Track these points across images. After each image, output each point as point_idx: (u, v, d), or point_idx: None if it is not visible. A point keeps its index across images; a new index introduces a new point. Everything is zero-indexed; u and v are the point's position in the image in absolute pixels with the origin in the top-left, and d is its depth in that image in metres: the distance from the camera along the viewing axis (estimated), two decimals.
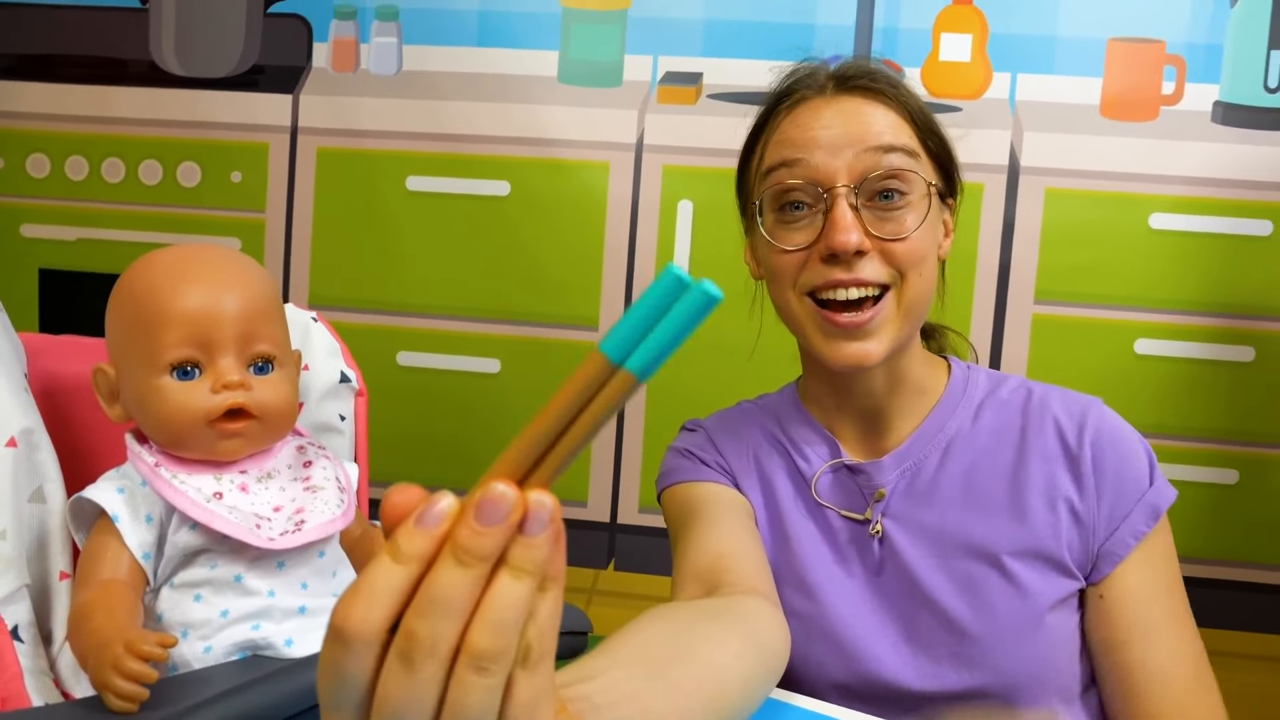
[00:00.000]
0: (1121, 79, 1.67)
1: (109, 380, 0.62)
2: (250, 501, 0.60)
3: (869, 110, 0.79)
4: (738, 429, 0.92)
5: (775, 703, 0.68)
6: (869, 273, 0.76)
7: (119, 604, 0.55)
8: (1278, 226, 1.65)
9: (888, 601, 0.81)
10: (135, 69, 1.85)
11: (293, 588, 0.60)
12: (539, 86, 1.76)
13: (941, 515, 0.81)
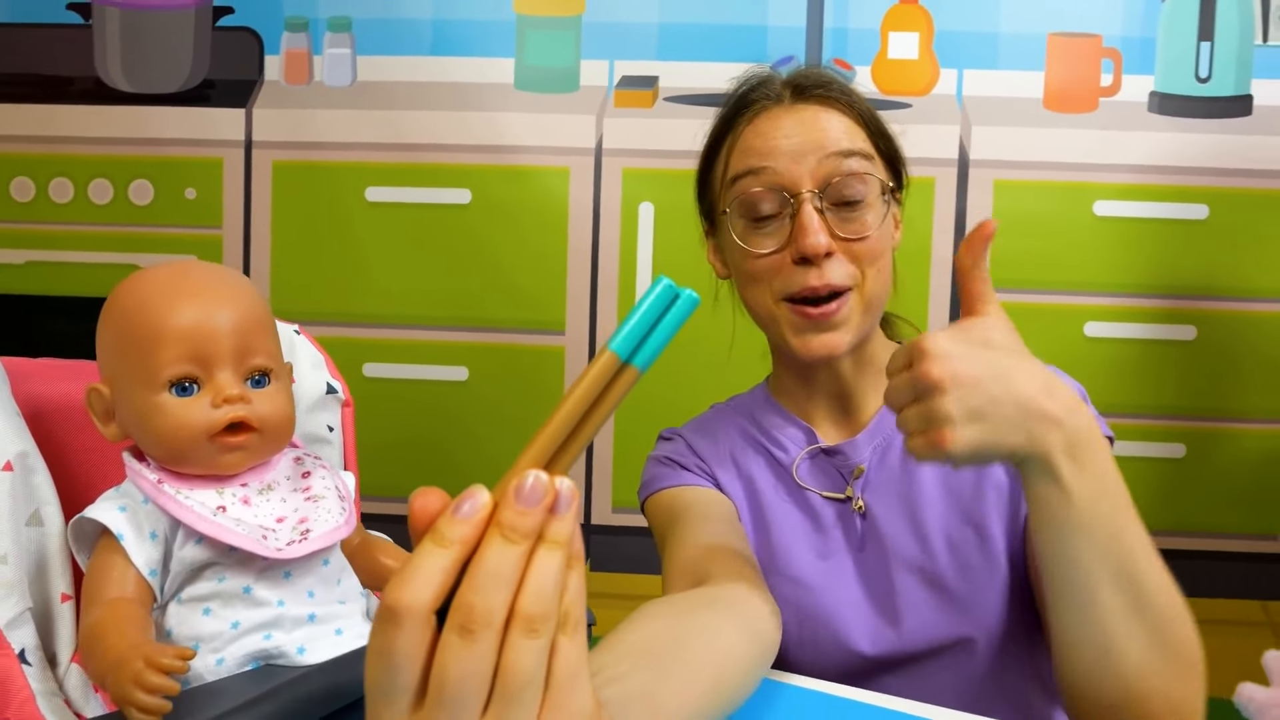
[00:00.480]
0: (1062, 72, 1.73)
1: (104, 400, 0.62)
2: (254, 514, 0.61)
3: (826, 117, 0.83)
4: (713, 431, 0.95)
5: (771, 683, 0.71)
6: (837, 276, 0.81)
7: (130, 621, 0.55)
8: (1214, 210, 1.72)
9: (870, 575, 0.84)
10: (80, 86, 1.82)
11: (300, 596, 0.61)
12: (496, 94, 1.77)
13: (915, 484, 0.85)
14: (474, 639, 0.33)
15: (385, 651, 0.34)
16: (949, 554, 0.82)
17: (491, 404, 1.79)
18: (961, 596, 0.81)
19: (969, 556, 0.82)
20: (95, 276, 1.82)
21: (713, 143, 0.90)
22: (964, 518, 0.83)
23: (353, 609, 0.64)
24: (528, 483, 0.35)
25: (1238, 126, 1.71)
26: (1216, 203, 1.72)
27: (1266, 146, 1.71)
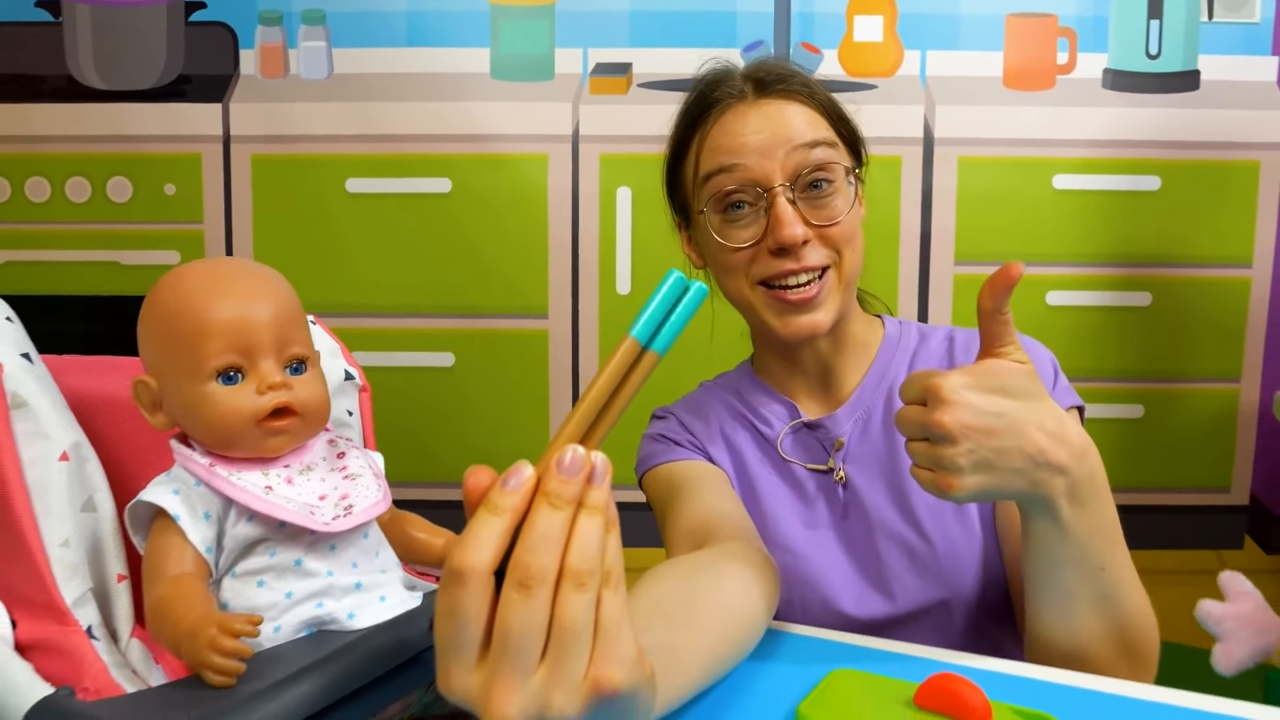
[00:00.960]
0: (1020, 52, 1.80)
1: (151, 391, 0.66)
2: (298, 492, 0.65)
3: (789, 111, 0.86)
4: (703, 408, 1.00)
5: (773, 631, 0.76)
6: (813, 259, 0.85)
7: (195, 594, 0.59)
8: (1165, 181, 1.81)
9: (854, 543, 0.90)
10: (53, 84, 1.82)
11: (346, 567, 0.65)
12: (472, 83, 1.80)
13: (893, 454, 0.90)
14: (531, 594, 0.38)
15: (453, 610, 0.38)
16: (928, 521, 0.87)
17: (478, 388, 1.83)
18: (940, 561, 0.86)
19: (947, 523, 0.87)
20: (76, 275, 1.83)
21: (680, 141, 0.93)
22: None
23: (393, 577, 0.68)
24: (568, 456, 0.39)
25: (1186, 101, 1.79)
26: (1168, 174, 1.81)
27: (1214, 119, 1.79)
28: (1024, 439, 0.64)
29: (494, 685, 0.38)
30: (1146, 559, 1.76)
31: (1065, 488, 0.66)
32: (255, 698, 0.51)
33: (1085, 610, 0.70)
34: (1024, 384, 0.66)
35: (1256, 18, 1.78)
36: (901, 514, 0.88)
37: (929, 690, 0.61)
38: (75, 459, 0.66)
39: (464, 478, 0.42)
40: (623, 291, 1.82)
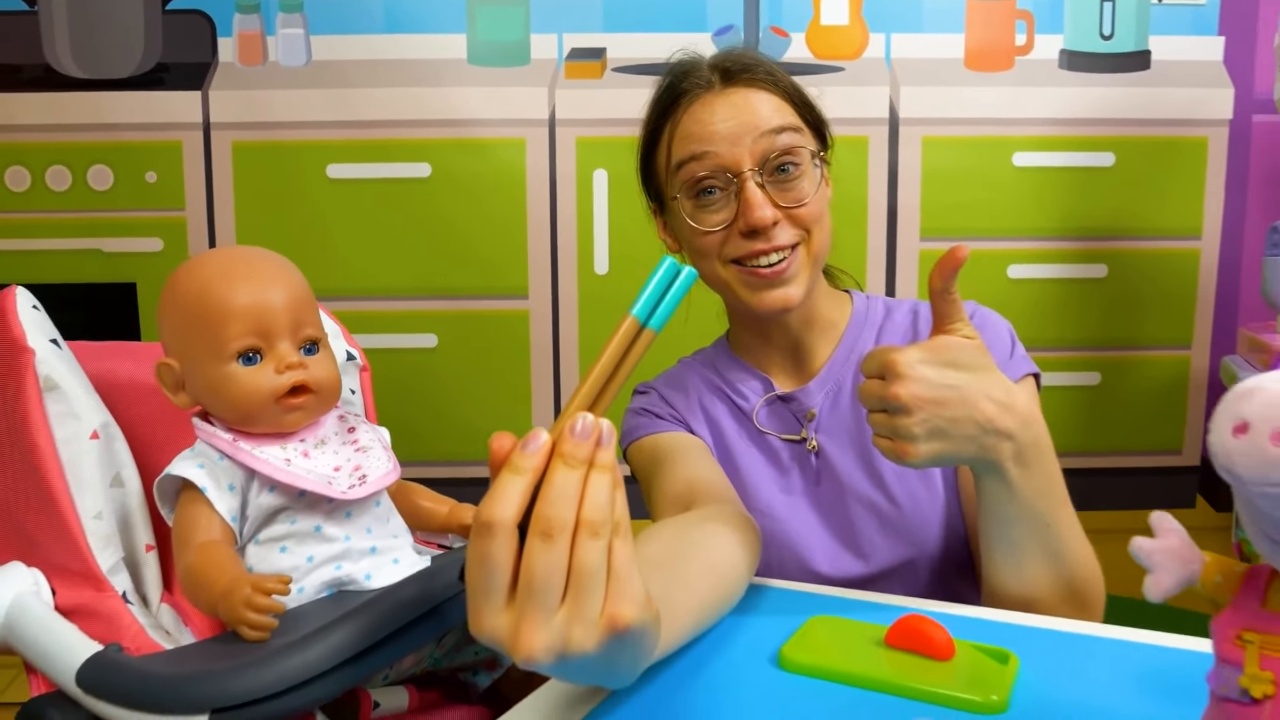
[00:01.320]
0: (981, 34, 1.86)
1: (174, 373, 0.70)
2: (314, 464, 0.70)
3: (755, 98, 0.90)
4: (682, 382, 1.05)
5: (755, 586, 0.83)
6: (783, 239, 0.89)
7: (225, 558, 0.64)
8: (1119, 158, 1.88)
9: (827, 507, 0.96)
10: (30, 73, 1.83)
11: (361, 532, 0.70)
12: (450, 69, 1.84)
13: (861, 424, 0.95)
14: (552, 542, 0.43)
15: (483, 559, 0.44)
16: (895, 486, 0.93)
17: (462, 367, 1.88)
18: (907, 522, 0.92)
19: (912, 487, 0.93)
20: (58, 262, 1.85)
21: (652, 130, 0.96)
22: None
23: (404, 542, 0.73)
24: (579, 422, 0.45)
25: (1138, 80, 1.87)
26: (1122, 151, 1.88)
27: (1164, 97, 1.87)
28: (974, 408, 0.70)
29: (521, 625, 0.43)
30: (1104, 519, 1.86)
31: (1012, 452, 0.72)
32: (289, 648, 0.57)
33: (1034, 562, 0.77)
34: (973, 358, 0.71)
35: (1203, 0, 1.86)
36: (870, 479, 0.94)
37: (898, 631, 0.68)
38: (104, 437, 0.70)
39: (489, 443, 0.47)
40: (600, 271, 1.87)
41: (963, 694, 0.61)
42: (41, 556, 0.67)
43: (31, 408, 0.67)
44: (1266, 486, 0.42)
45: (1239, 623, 0.48)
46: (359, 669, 0.55)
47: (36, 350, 0.69)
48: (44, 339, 0.71)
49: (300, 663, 0.53)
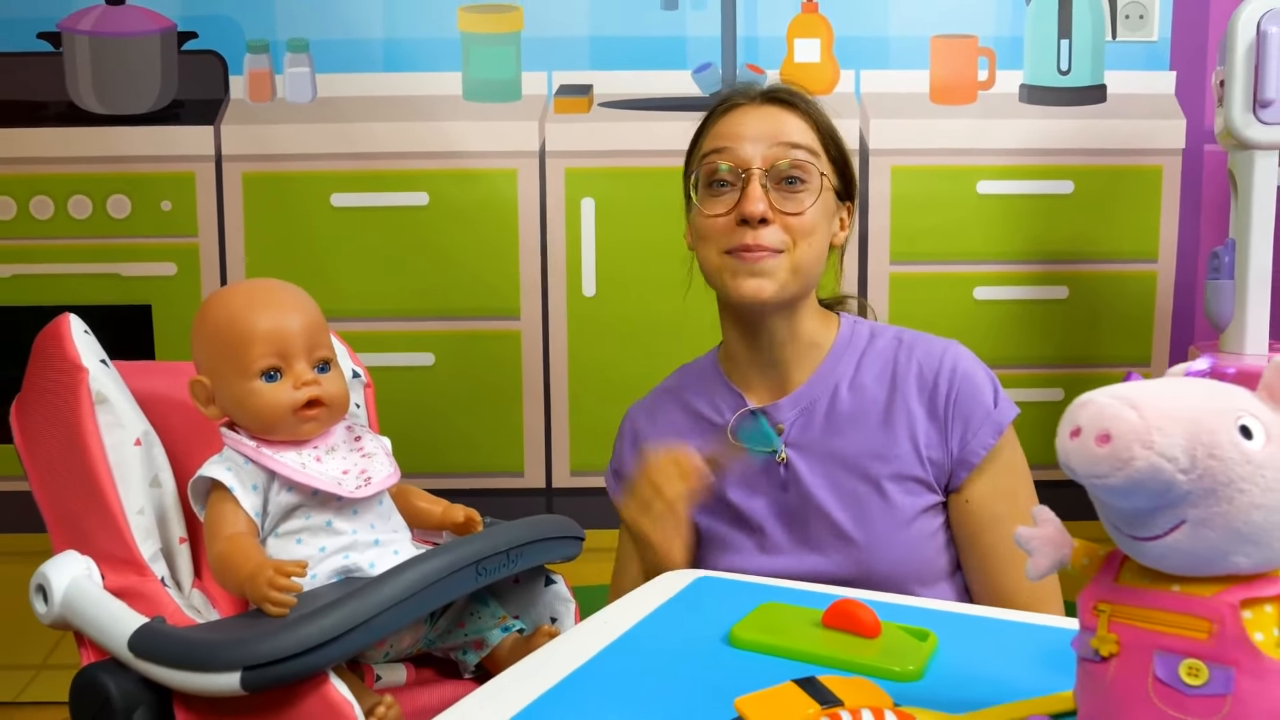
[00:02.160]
0: (945, 70, 1.98)
1: (205, 388, 0.81)
2: (325, 468, 0.81)
3: (784, 116, 1.00)
4: (657, 418, 1.13)
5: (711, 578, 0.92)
6: (769, 239, 0.97)
7: (250, 547, 0.75)
8: (1078, 185, 2.00)
9: (790, 513, 1.04)
10: (54, 110, 1.95)
11: (366, 527, 0.81)
12: (446, 105, 1.96)
13: (831, 445, 1.02)
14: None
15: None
16: (855, 507, 1.00)
17: (457, 383, 1.99)
18: (862, 550, 0.99)
19: (870, 507, 1.00)
20: (79, 286, 1.96)
21: (697, 134, 1.07)
22: (865, 476, 1.01)
23: (404, 536, 0.84)
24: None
25: (1095, 112, 1.99)
26: (1080, 179, 2.00)
27: (1120, 128, 1.99)
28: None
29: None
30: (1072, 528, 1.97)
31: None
32: (307, 617, 0.67)
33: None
34: None
35: (1155, 36, 1.98)
36: (836, 498, 1.01)
37: (833, 613, 0.78)
38: (145, 444, 0.81)
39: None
40: (588, 294, 1.98)
41: (884, 665, 0.71)
42: (92, 546, 0.78)
43: (85, 419, 0.78)
44: (1093, 479, 0.53)
45: (1096, 595, 0.59)
46: (366, 634, 0.66)
47: (90, 369, 0.81)
48: (95, 359, 0.83)
49: (317, 629, 0.64)
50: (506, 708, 0.64)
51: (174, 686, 0.67)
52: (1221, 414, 0.52)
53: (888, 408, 1.03)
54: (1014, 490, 1.04)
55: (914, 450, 1.02)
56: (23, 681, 2.02)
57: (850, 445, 1.02)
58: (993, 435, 1.02)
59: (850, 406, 1.04)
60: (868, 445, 1.02)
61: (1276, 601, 0.53)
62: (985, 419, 1.02)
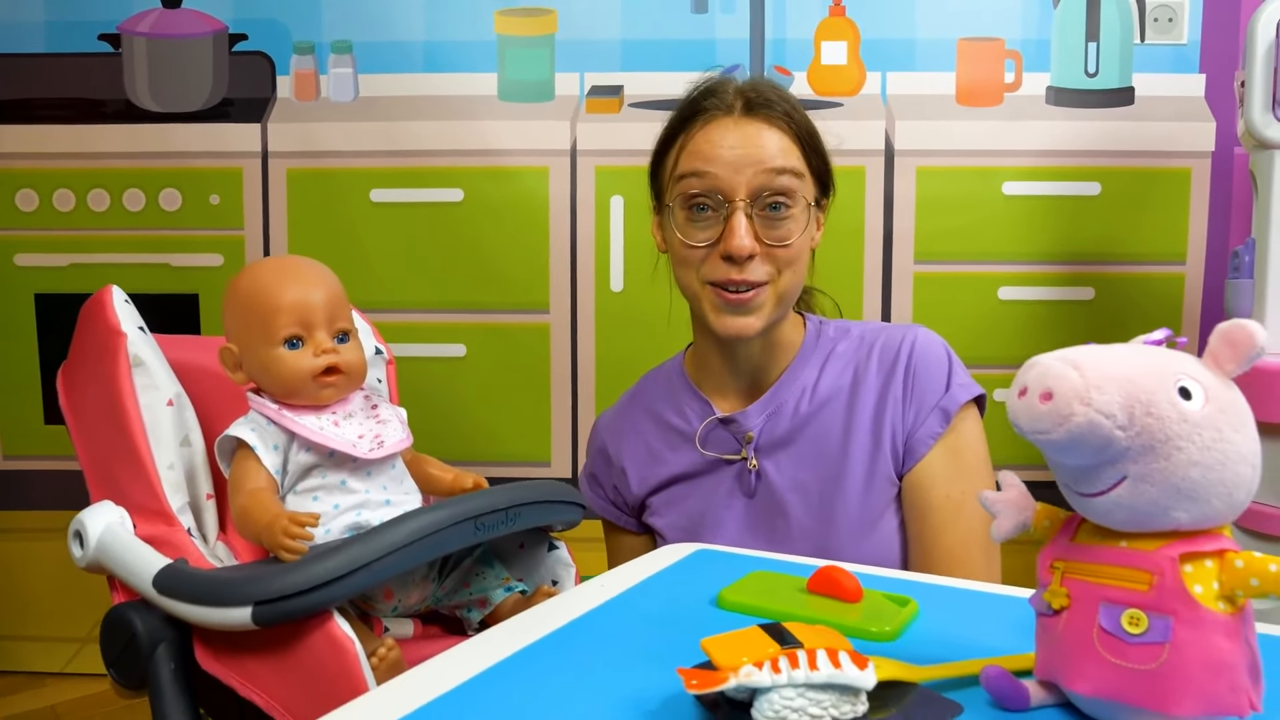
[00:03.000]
0: (971, 72, 2.00)
1: (234, 355, 0.88)
2: (342, 432, 0.86)
3: (767, 135, 0.94)
4: (623, 430, 1.11)
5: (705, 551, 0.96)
6: (755, 274, 0.94)
7: (269, 500, 0.81)
8: (1105, 187, 2.00)
9: (759, 518, 1.02)
10: (112, 108, 2.05)
11: (378, 488, 0.87)
12: (482, 104, 2.02)
13: (799, 450, 1.01)
14: None
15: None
16: (819, 507, 0.99)
17: (488, 375, 2.05)
18: (830, 543, 0.99)
19: (835, 508, 0.99)
20: (132, 275, 2.06)
21: (667, 136, 1.01)
22: (831, 479, 1.00)
23: (415, 499, 0.89)
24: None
25: (1122, 114, 1.99)
26: (1107, 180, 2.00)
27: (1148, 131, 1.99)
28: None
29: None
30: None
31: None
32: (315, 558, 0.72)
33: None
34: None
35: (1184, 39, 1.98)
36: (801, 498, 1.01)
37: (817, 579, 0.82)
38: (177, 406, 0.88)
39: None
40: (616, 289, 2.03)
41: (862, 626, 0.74)
42: (126, 497, 0.85)
43: (123, 380, 0.85)
44: (1037, 435, 0.56)
45: (1053, 554, 0.62)
46: (369, 575, 0.71)
47: (128, 334, 0.87)
48: (134, 326, 0.89)
49: (323, 569, 0.69)
50: (497, 652, 0.69)
51: (192, 621, 0.73)
52: (1161, 375, 0.55)
53: (850, 406, 1.01)
54: (964, 481, 1.00)
55: (875, 444, 1.00)
56: (69, 653, 2.13)
57: (816, 449, 1.01)
58: (940, 423, 0.99)
59: (815, 409, 1.02)
60: (832, 447, 1.01)
61: (1217, 557, 0.55)
62: (934, 406, 1.00)
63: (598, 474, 1.15)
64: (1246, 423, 0.56)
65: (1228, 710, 0.53)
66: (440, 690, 0.62)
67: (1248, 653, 0.55)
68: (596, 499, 1.15)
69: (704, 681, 0.56)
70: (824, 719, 0.55)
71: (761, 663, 0.56)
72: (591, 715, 0.58)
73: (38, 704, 2.03)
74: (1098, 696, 0.56)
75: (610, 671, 0.65)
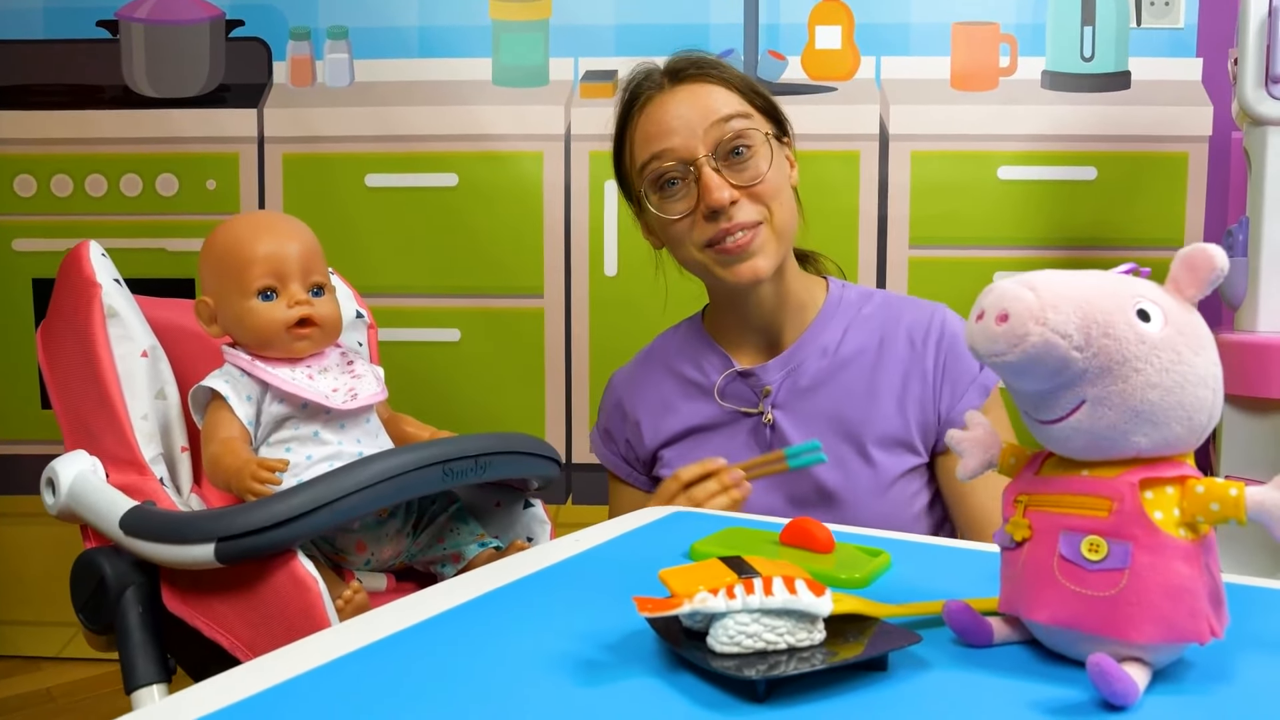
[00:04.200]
0: (966, 56, 2.00)
1: (209, 308, 0.88)
2: (316, 385, 0.86)
3: (703, 92, 0.96)
4: (639, 383, 1.13)
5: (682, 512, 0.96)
6: (744, 215, 0.95)
7: (240, 448, 0.81)
8: (1101, 172, 2.00)
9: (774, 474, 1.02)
10: (110, 93, 2.07)
11: (352, 441, 0.87)
12: (476, 89, 2.03)
13: (817, 406, 1.02)
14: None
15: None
16: (834, 468, 1.00)
17: (482, 359, 2.05)
18: (843, 498, 1.01)
19: (852, 468, 1.01)
20: (129, 260, 2.04)
21: (618, 136, 1.05)
22: (849, 437, 1.01)
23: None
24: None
25: (1118, 99, 1.98)
26: (1103, 165, 1.99)
27: (1143, 115, 1.98)
28: None
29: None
30: None
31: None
32: (277, 497, 0.72)
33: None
34: None
35: (1181, 23, 1.97)
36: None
37: (789, 531, 0.81)
38: (152, 357, 0.88)
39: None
40: (610, 273, 2.03)
41: (832, 573, 0.74)
42: (99, 447, 0.85)
43: (97, 330, 0.85)
44: (993, 357, 0.55)
45: (1017, 489, 0.61)
46: (332, 514, 0.71)
47: (103, 286, 0.88)
48: (109, 278, 0.90)
49: (286, 506, 0.69)
50: (462, 595, 0.69)
51: (157, 560, 0.72)
52: (1119, 297, 0.55)
53: (874, 370, 1.03)
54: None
55: (900, 412, 1.02)
56: (65, 638, 2.13)
57: (835, 407, 1.03)
58: (979, 397, 1.02)
59: (837, 369, 1.04)
60: (853, 407, 1.02)
61: (1178, 483, 0.55)
62: (972, 382, 1.03)
63: (611, 429, 1.15)
64: (1206, 345, 0.55)
65: (1187, 636, 0.52)
66: (399, 627, 0.62)
67: (1209, 580, 0.54)
68: (609, 454, 1.16)
69: (657, 606, 0.56)
70: (780, 645, 0.54)
71: (717, 590, 0.56)
72: (550, 650, 0.58)
73: (33, 687, 2.03)
74: (1056, 625, 0.55)
75: (574, 611, 0.65)
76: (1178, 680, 0.55)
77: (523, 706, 0.51)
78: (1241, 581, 0.70)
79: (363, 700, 0.51)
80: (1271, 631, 0.62)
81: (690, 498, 0.95)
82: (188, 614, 0.73)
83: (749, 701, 0.51)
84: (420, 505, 0.91)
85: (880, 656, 0.55)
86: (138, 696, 0.74)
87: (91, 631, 0.78)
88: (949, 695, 0.53)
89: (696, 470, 0.95)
